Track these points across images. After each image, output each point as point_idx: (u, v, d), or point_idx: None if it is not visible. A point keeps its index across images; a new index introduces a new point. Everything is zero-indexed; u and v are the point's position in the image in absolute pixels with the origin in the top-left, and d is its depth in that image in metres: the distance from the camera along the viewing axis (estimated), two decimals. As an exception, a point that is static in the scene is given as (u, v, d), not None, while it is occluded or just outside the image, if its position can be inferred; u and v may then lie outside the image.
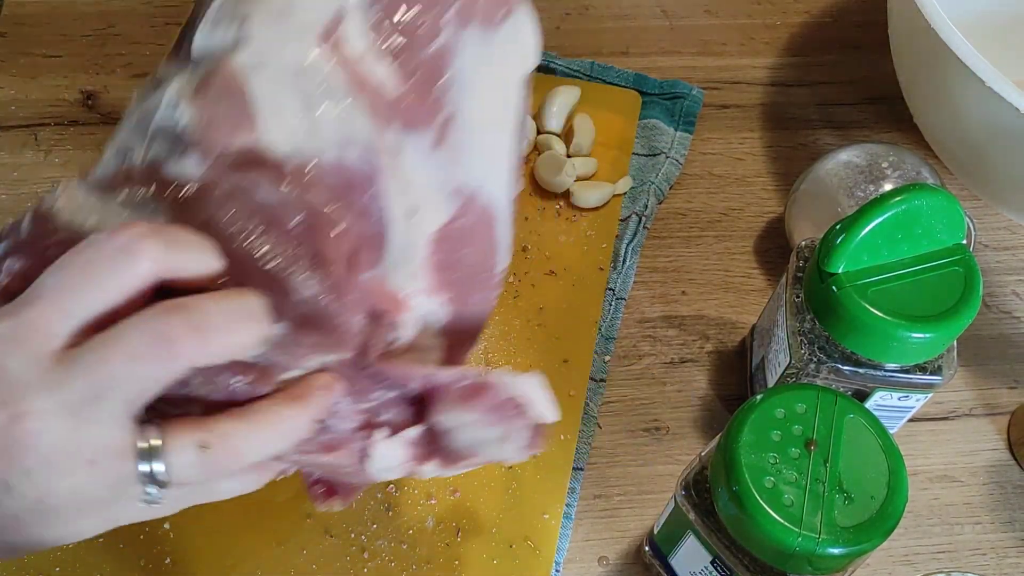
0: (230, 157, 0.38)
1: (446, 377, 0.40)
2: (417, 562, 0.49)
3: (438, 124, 0.43)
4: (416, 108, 0.42)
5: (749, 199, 0.65)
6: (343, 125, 0.40)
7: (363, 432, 0.40)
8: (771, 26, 0.75)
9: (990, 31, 0.65)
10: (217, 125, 0.39)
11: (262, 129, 0.39)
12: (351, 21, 0.42)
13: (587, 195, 0.62)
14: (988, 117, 0.53)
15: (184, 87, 0.40)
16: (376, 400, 0.40)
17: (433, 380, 0.39)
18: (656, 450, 0.55)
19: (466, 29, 0.43)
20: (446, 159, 0.44)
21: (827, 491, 0.38)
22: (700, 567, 0.44)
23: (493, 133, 0.45)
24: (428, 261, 0.43)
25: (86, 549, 0.48)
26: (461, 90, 0.43)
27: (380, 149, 0.41)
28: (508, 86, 0.46)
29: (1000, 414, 0.57)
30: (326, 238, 0.38)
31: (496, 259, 0.46)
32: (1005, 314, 0.61)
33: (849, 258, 0.44)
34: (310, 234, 0.38)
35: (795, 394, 0.41)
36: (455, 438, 0.40)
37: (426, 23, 0.42)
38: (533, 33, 0.47)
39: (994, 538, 0.53)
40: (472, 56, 0.44)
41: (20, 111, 0.65)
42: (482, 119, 0.44)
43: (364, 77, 0.41)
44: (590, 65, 0.70)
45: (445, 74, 0.43)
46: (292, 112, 0.40)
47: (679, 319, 0.60)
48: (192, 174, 0.38)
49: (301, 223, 0.38)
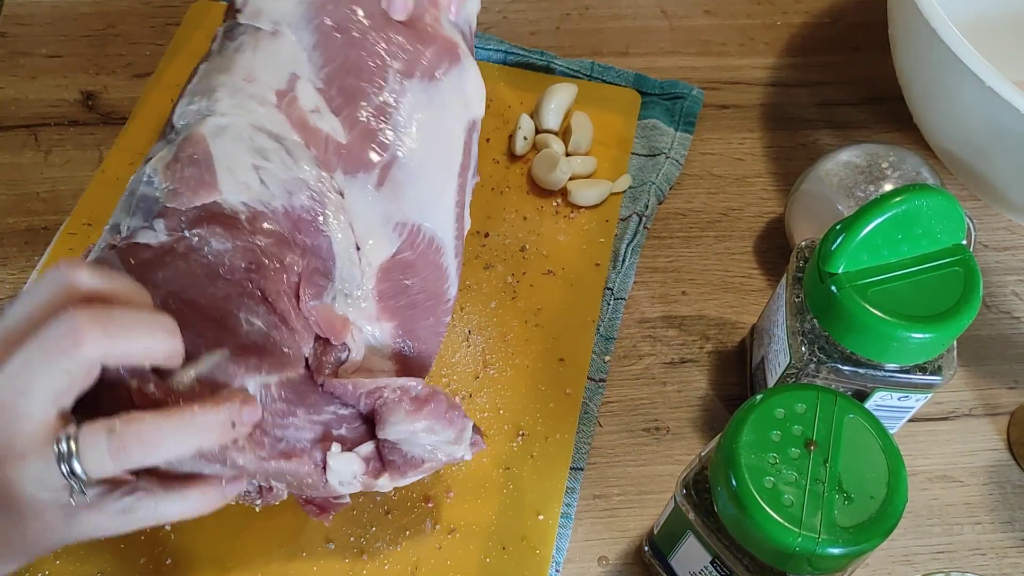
0: (192, 215, 0.44)
1: (392, 386, 0.44)
2: (414, 563, 0.49)
3: (380, 166, 0.48)
4: (359, 153, 0.48)
5: (749, 199, 0.65)
6: (291, 174, 0.46)
7: (321, 444, 0.44)
8: (771, 26, 0.75)
9: (990, 31, 0.66)
10: (184, 190, 0.45)
11: (222, 187, 0.45)
12: (303, 83, 0.48)
13: (585, 193, 0.62)
14: (988, 117, 0.53)
15: (160, 160, 0.46)
16: (330, 414, 0.44)
17: (381, 391, 0.44)
18: (656, 450, 0.55)
19: (409, 80, 0.49)
20: (389, 197, 0.48)
21: (827, 491, 0.38)
22: (700, 567, 0.44)
23: (436, 173, 0.49)
24: (375, 290, 0.48)
25: (87, 549, 0.48)
26: (402, 135, 0.48)
27: (326, 192, 0.47)
28: (452, 131, 0.50)
29: (1000, 414, 0.57)
30: (269, 276, 0.44)
31: (444, 287, 0.50)
32: (1005, 314, 0.61)
33: (849, 258, 0.44)
34: (256, 274, 0.43)
35: (795, 394, 0.41)
36: (408, 448, 0.45)
37: (370, 80, 0.48)
38: (477, 84, 0.52)
39: (993, 538, 0.53)
40: (413, 104, 0.49)
41: (20, 111, 0.66)
42: (423, 161, 0.49)
43: (313, 130, 0.47)
44: (590, 65, 0.70)
45: (386, 122, 0.48)
46: (246, 168, 0.46)
47: (679, 319, 0.60)
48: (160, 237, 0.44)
49: (248, 266, 0.43)
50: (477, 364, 0.55)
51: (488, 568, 0.49)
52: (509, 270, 0.59)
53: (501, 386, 0.55)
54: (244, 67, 0.48)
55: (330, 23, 0.49)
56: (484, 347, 0.56)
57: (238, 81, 0.48)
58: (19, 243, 0.60)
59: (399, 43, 0.49)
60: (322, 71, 0.48)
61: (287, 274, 0.45)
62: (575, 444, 0.54)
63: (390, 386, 0.44)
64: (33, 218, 0.61)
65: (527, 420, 0.54)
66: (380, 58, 0.48)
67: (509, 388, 0.55)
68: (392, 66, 0.48)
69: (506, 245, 0.61)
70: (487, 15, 0.74)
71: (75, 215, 0.60)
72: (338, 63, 0.48)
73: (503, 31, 0.73)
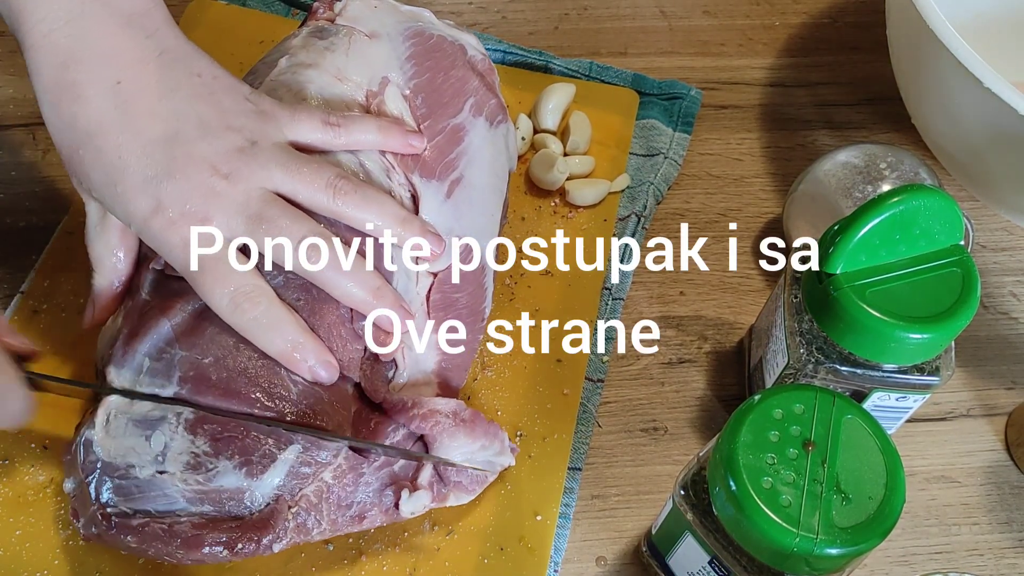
0: None
1: (445, 411, 0.47)
2: (413, 564, 0.49)
3: (450, 180, 0.52)
4: (434, 163, 0.52)
5: (747, 200, 0.65)
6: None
7: (391, 488, 0.46)
8: (770, 27, 0.75)
9: (988, 32, 0.66)
10: None
11: None
12: (392, 88, 0.53)
13: (582, 192, 0.62)
14: (986, 118, 0.53)
15: None
16: (389, 441, 0.46)
17: (435, 415, 0.47)
18: (654, 450, 0.55)
19: (477, 118, 0.54)
20: (453, 211, 0.52)
21: (825, 492, 0.38)
22: (698, 567, 0.44)
23: (490, 202, 0.54)
24: (426, 302, 0.51)
25: (86, 549, 0.48)
26: (469, 161, 0.53)
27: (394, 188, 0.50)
28: (501, 172, 0.56)
29: (998, 415, 0.57)
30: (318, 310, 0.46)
31: (483, 304, 0.54)
32: (1003, 315, 0.61)
33: (847, 259, 0.44)
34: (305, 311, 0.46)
35: (793, 394, 0.41)
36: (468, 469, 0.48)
37: (450, 102, 0.53)
38: (515, 143, 0.60)
39: (991, 539, 0.53)
40: (479, 138, 0.54)
41: (18, 110, 0.65)
42: (483, 188, 0.53)
43: None
44: (589, 65, 0.70)
45: (459, 145, 0.53)
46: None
47: (677, 319, 0.60)
48: None
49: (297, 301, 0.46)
50: (475, 366, 0.55)
51: (486, 569, 0.49)
52: (508, 272, 0.59)
53: (499, 387, 0.55)
54: (336, 65, 0.52)
55: (425, 40, 0.54)
56: (482, 349, 0.56)
57: (328, 78, 0.51)
58: (16, 242, 0.59)
59: (475, 85, 0.54)
60: (411, 81, 0.53)
61: (340, 305, 0.46)
62: (573, 444, 0.54)
63: (443, 411, 0.47)
64: (31, 217, 0.61)
65: (525, 421, 0.54)
66: (460, 89, 0.53)
67: (507, 389, 0.55)
68: (469, 99, 0.54)
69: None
70: (486, 15, 0.74)
71: (72, 214, 0.60)
72: (426, 78, 0.52)
73: (501, 31, 0.73)
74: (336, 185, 0.46)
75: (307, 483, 0.44)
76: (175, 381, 0.43)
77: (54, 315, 0.56)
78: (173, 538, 0.42)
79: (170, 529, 0.42)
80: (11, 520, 0.49)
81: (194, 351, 0.44)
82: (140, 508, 0.43)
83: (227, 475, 0.42)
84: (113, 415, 0.43)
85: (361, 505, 0.45)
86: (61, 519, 0.49)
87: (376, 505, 0.46)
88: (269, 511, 0.43)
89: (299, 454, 0.43)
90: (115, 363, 0.44)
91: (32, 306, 0.56)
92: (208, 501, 0.42)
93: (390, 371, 0.49)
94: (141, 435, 0.42)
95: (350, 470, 0.45)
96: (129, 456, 0.42)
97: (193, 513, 0.43)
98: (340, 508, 0.45)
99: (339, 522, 0.45)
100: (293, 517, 0.43)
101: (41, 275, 0.57)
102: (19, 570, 0.48)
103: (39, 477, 0.50)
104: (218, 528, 0.42)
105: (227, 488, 0.42)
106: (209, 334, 0.44)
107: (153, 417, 0.43)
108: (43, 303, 0.56)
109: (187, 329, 0.44)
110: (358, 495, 0.45)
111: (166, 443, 0.42)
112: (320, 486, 0.44)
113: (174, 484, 0.42)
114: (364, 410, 0.47)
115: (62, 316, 0.56)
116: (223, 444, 0.42)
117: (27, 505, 0.49)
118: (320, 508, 0.44)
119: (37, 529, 0.49)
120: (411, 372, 0.50)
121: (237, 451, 0.42)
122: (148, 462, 0.42)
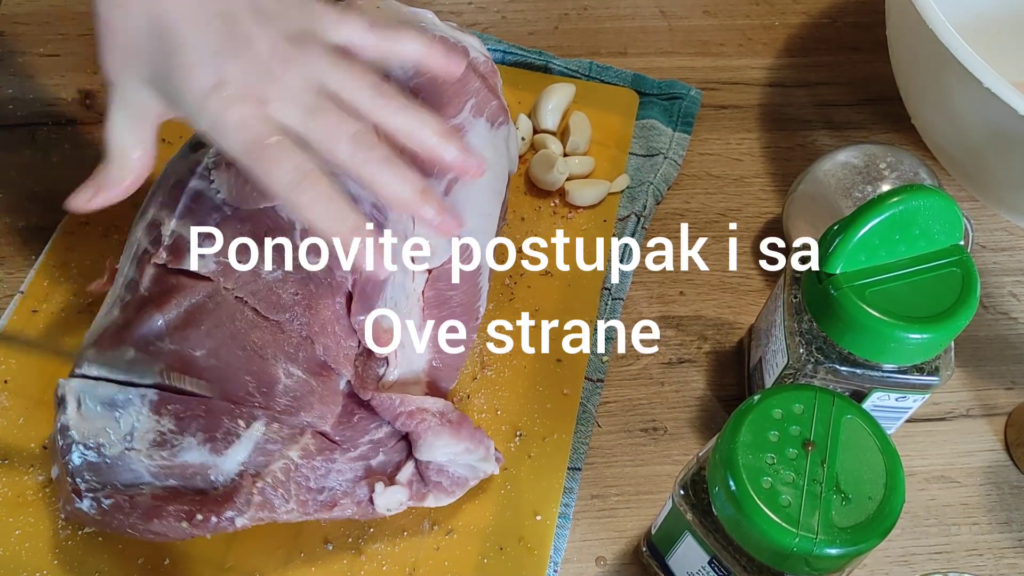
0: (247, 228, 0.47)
1: (432, 410, 0.47)
2: (412, 564, 0.49)
3: (448, 179, 0.52)
4: (432, 163, 0.51)
5: (747, 200, 0.65)
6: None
7: (365, 480, 0.46)
8: (769, 27, 0.75)
9: (988, 32, 0.66)
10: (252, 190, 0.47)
11: None
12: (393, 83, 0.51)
13: (582, 193, 0.62)
14: (986, 118, 0.53)
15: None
16: (367, 444, 0.46)
17: (422, 413, 0.47)
18: (654, 450, 0.55)
19: (478, 119, 0.54)
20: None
21: (824, 492, 0.38)
22: (697, 567, 0.44)
23: (488, 202, 0.54)
24: (422, 298, 0.51)
25: (85, 549, 0.48)
26: None
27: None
28: (501, 173, 0.56)
29: (997, 415, 0.57)
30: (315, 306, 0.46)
31: (478, 303, 0.54)
32: (1002, 315, 0.61)
33: (847, 259, 0.44)
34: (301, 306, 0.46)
35: (793, 394, 0.41)
36: (450, 470, 0.48)
37: (451, 101, 0.53)
38: (517, 144, 0.60)
39: (991, 539, 0.53)
40: (479, 139, 0.54)
41: (18, 110, 0.65)
42: (481, 189, 0.53)
43: None
44: (588, 65, 0.70)
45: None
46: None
47: (677, 319, 0.60)
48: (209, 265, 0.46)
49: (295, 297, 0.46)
50: (475, 365, 0.55)
51: (486, 569, 0.49)
52: (507, 272, 0.59)
53: (499, 387, 0.55)
54: None
55: None
56: (481, 348, 0.56)
57: None
58: (16, 243, 0.60)
59: (476, 87, 0.54)
60: (412, 81, 0.53)
61: (336, 295, 0.47)
62: (573, 444, 0.54)
63: (430, 409, 0.47)
64: (31, 217, 0.61)
65: (525, 421, 0.54)
66: (461, 90, 0.53)
67: (507, 389, 0.55)
68: (469, 100, 0.53)
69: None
70: (485, 15, 0.74)
71: (72, 215, 0.60)
72: (427, 79, 0.52)
73: (501, 31, 0.73)
74: (381, 87, 0.45)
75: (273, 459, 0.44)
76: (156, 372, 0.44)
77: (54, 315, 0.56)
78: (134, 510, 0.43)
79: (131, 500, 0.43)
80: (11, 520, 0.49)
81: (185, 344, 0.44)
82: (108, 481, 0.43)
83: (191, 451, 0.43)
84: (83, 397, 0.44)
85: (332, 492, 0.45)
86: (61, 519, 0.49)
87: (349, 495, 0.46)
88: (233, 486, 0.43)
89: (264, 430, 0.44)
90: (98, 346, 0.45)
91: (31, 306, 0.56)
92: (173, 476, 0.43)
93: (381, 368, 0.49)
94: (111, 415, 0.43)
95: (319, 452, 0.45)
96: (100, 436, 0.43)
97: (157, 487, 0.43)
98: (309, 491, 0.45)
99: (308, 504, 0.45)
100: (258, 492, 0.43)
101: (41, 275, 0.57)
102: (19, 570, 0.48)
103: (39, 477, 0.50)
104: (178, 500, 0.43)
105: (192, 463, 0.43)
106: (205, 328, 0.45)
107: (119, 400, 0.43)
108: (43, 303, 0.56)
109: (180, 324, 0.45)
110: (329, 481, 0.45)
111: (133, 423, 0.43)
112: (287, 463, 0.44)
113: (139, 459, 0.43)
114: (350, 405, 0.47)
115: (61, 316, 0.56)
116: (186, 422, 0.43)
117: (27, 505, 0.49)
118: (288, 486, 0.44)
119: (37, 529, 0.49)
120: (402, 371, 0.50)
121: (200, 428, 0.43)
122: (117, 440, 0.43)
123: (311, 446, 0.45)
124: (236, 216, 0.47)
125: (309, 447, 0.45)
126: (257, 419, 0.44)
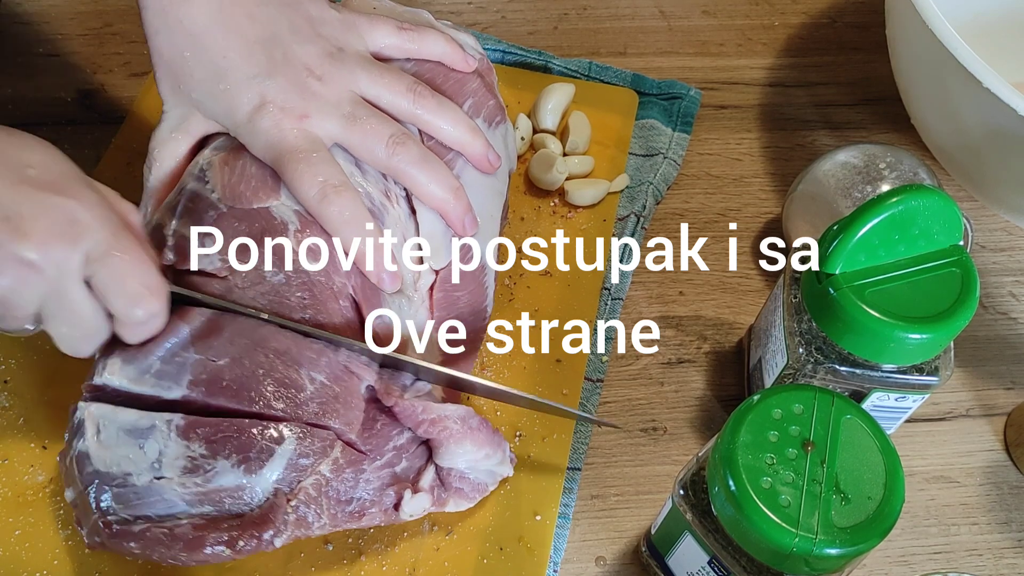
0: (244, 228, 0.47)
1: (454, 417, 0.47)
2: (412, 565, 0.49)
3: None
4: None
5: (747, 200, 0.65)
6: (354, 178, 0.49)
7: (392, 488, 0.46)
8: (769, 27, 0.75)
9: (988, 33, 0.66)
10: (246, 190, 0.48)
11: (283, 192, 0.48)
12: None
13: (582, 192, 0.62)
14: (985, 118, 0.53)
15: (216, 152, 0.50)
16: (391, 451, 0.46)
17: (444, 421, 0.46)
18: (653, 450, 0.55)
19: (476, 119, 0.54)
20: None
21: (824, 492, 0.38)
22: (697, 567, 0.44)
23: (489, 202, 0.54)
24: (430, 300, 0.51)
25: (85, 550, 0.48)
26: (467, 161, 0.53)
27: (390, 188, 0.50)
28: (499, 172, 0.55)
29: (997, 415, 0.57)
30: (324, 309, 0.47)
31: (484, 304, 0.54)
32: (1002, 315, 0.61)
33: (846, 259, 0.45)
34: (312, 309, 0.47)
35: (792, 395, 0.41)
36: (470, 476, 0.48)
37: (450, 100, 0.52)
38: (515, 143, 0.60)
39: (990, 539, 0.53)
40: None
41: (17, 110, 0.65)
42: (483, 189, 0.54)
43: None
44: (588, 65, 0.70)
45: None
46: None
47: (677, 319, 0.60)
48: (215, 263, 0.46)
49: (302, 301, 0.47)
50: (475, 366, 0.55)
51: (486, 569, 0.49)
52: (507, 272, 0.59)
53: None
54: None
55: None
56: (482, 348, 0.56)
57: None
58: (16, 243, 0.59)
59: (473, 86, 0.55)
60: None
61: (339, 298, 0.47)
62: (572, 444, 0.54)
63: (452, 416, 0.47)
64: (30, 218, 0.61)
65: (524, 421, 0.54)
66: (459, 89, 0.54)
67: (507, 388, 0.55)
68: (467, 100, 0.54)
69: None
70: (485, 15, 0.74)
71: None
72: (425, 79, 0.53)
73: (501, 31, 0.73)
74: (416, 90, 0.50)
75: (306, 475, 0.44)
76: (184, 384, 0.43)
77: (53, 315, 0.56)
78: (175, 541, 0.42)
79: (171, 532, 0.42)
80: (11, 520, 0.49)
81: (209, 353, 0.44)
82: (140, 514, 0.43)
83: (226, 474, 0.42)
84: (102, 424, 0.43)
85: (360, 502, 0.45)
86: (61, 519, 0.49)
87: (376, 503, 0.46)
88: (269, 506, 0.43)
89: (296, 445, 0.43)
90: (123, 357, 0.44)
91: (31, 306, 0.56)
92: (208, 502, 0.42)
93: (408, 380, 0.49)
94: (134, 444, 0.42)
95: (348, 465, 0.45)
96: (124, 465, 0.42)
97: (193, 515, 0.43)
98: (339, 503, 0.45)
99: (339, 517, 0.45)
100: (293, 510, 0.43)
101: (40, 275, 0.57)
102: (19, 570, 0.48)
103: (39, 477, 0.50)
104: (218, 527, 0.42)
105: (226, 487, 0.42)
106: (227, 336, 0.44)
107: (143, 426, 0.43)
108: (42, 303, 0.56)
109: (204, 332, 0.44)
110: (358, 491, 0.45)
111: (160, 450, 0.42)
112: (319, 479, 0.44)
113: (172, 488, 0.42)
114: (371, 411, 0.46)
115: (61, 316, 0.56)
116: (219, 445, 0.42)
117: (27, 505, 0.49)
118: (320, 501, 0.44)
119: (37, 529, 0.49)
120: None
121: (234, 450, 0.42)
122: (144, 469, 0.42)
123: (341, 459, 0.44)
124: (231, 214, 0.47)
125: (339, 460, 0.44)
126: (288, 432, 0.43)
